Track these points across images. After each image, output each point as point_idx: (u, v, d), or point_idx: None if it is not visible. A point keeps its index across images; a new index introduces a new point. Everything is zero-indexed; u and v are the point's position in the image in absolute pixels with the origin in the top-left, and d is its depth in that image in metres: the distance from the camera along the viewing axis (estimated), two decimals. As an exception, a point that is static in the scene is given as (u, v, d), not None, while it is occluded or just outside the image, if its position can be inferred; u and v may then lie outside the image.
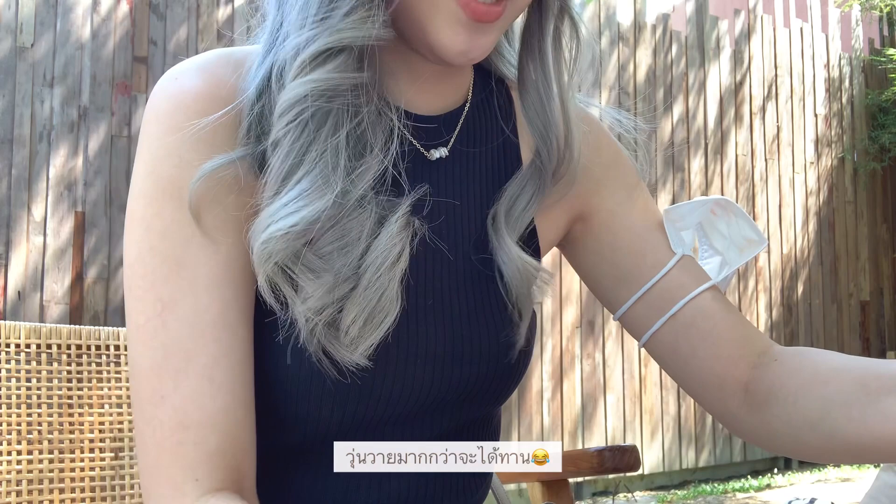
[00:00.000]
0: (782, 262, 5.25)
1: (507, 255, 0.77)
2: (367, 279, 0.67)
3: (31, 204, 3.10)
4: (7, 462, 1.09)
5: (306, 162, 0.66)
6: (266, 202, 0.67)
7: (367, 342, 0.67)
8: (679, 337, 0.84)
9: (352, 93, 0.68)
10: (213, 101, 0.68)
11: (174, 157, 0.67)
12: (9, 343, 1.13)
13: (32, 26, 3.16)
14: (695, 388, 0.85)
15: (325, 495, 0.72)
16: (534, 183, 0.80)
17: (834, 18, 5.71)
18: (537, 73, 0.79)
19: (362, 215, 0.68)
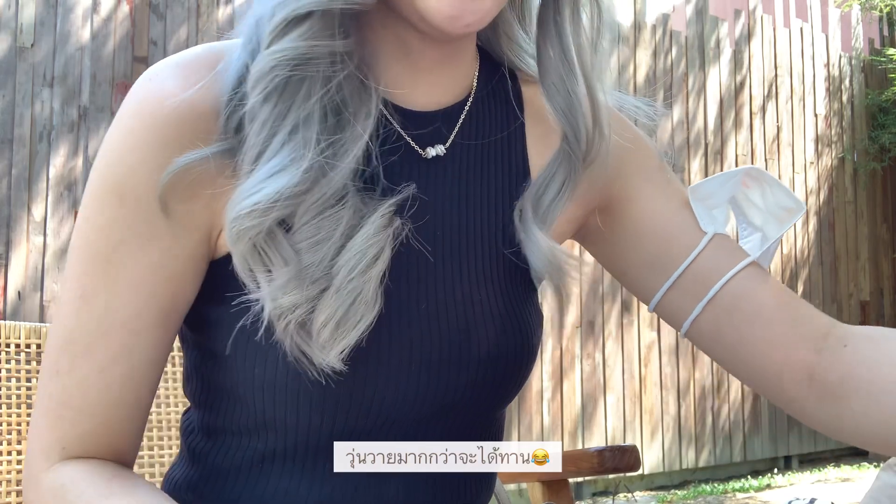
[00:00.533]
0: (782, 262, 5.24)
1: (535, 245, 0.74)
2: (339, 281, 0.65)
3: (31, 204, 3.10)
4: (7, 462, 1.09)
5: (279, 135, 0.65)
6: (240, 180, 0.66)
7: (339, 345, 0.65)
8: (722, 323, 0.77)
9: (327, 60, 0.66)
10: (186, 113, 0.67)
11: (127, 160, 0.67)
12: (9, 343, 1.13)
13: (32, 26, 3.16)
14: (751, 378, 0.78)
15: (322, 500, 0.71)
16: (564, 170, 0.76)
17: (834, 18, 5.71)
18: (556, 50, 0.75)
19: (340, 212, 0.66)
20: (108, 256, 0.67)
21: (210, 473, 0.73)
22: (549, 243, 0.74)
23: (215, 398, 0.73)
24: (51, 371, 0.69)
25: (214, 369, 0.71)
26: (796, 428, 5.21)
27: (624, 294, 4.54)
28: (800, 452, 5.23)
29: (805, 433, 5.26)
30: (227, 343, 0.69)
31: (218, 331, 0.70)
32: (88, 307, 0.68)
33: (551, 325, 4.27)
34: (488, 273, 0.75)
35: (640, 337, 4.58)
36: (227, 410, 0.72)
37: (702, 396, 4.79)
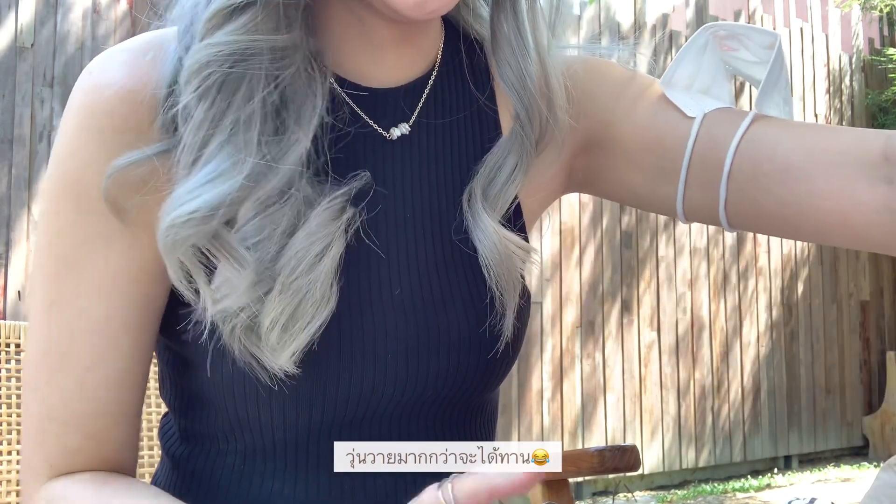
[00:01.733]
0: (782, 262, 5.24)
1: (483, 232, 0.69)
2: (282, 282, 0.61)
3: (31, 204, 3.10)
4: (7, 462, 1.09)
5: (217, 136, 0.61)
6: (177, 183, 0.62)
7: (289, 348, 0.62)
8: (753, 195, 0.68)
9: (269, 56, 0.61)
10: (128, 100, 0.64)
11: (79, 156, 0.64)
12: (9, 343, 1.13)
13: (32, 26, 3.15)
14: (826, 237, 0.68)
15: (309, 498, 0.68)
16: (516, 153, 0.71)
17: (834, 18, 5.71)
18: (510, 27, 0.71)
19: (280, 210, 0.62)
20: (71, 260, 0.65)
21: (192, 479, 0.72)
22: (499, 230, 0.69)
23: (188, 403, 0.71)
24: (30, 387, 0.67)
25: (184, 373, 0.70)
26: (796, 428, 5.21)
27: (624, 294, 4.54)
28: (800, 452, 5.23)
29: (805, 433, 5.26)
30: (191, 346, 0.67)
31: (183, 333, 0.67)
32: (58, 315, 0.65)
33: (551, 324, 4.27)
34: (458, 255, 0.71)
35: (640, 337, 4.58)
36: (201, 415, 0.70)
37: (702, 396, 4.79)
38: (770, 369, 5.11)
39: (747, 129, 0.69)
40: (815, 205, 0.66)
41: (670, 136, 0.72)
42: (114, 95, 0.64)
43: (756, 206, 0.69)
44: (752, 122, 0.69)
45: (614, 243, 4.53)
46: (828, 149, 0.66)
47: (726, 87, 0.75)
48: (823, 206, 0.66)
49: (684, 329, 4.75)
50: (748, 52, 0.74)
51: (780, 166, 0.67)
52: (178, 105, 0.62)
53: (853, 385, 5.55)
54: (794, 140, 0.68)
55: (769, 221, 0.70)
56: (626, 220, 4.59)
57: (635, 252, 4.61)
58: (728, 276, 4.97)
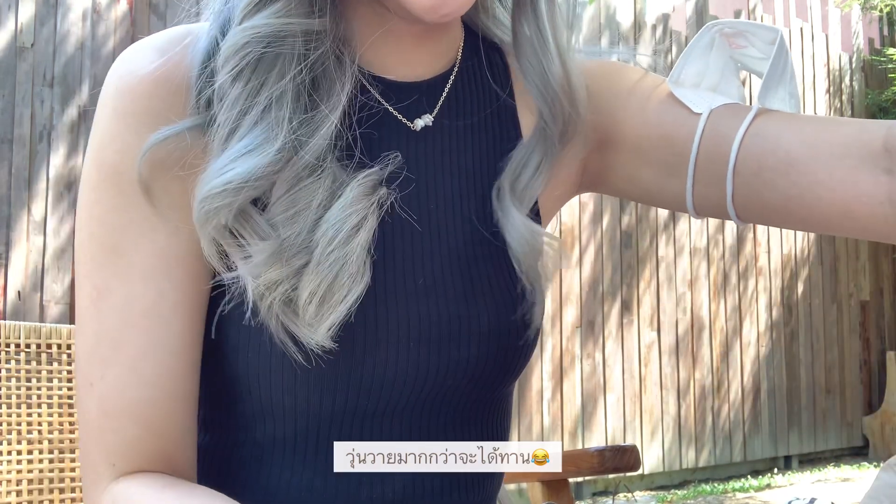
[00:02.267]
0: (782, 262, 5.25)
1: (512, 225, 0.72)
2: (320, 253, 0.63)
3: (31, 204, 3.11)
4: (7, 462, 1.09)
5: (251, 114, 0.63)
6: (212, 160, 0.64)
7: (327, 321, 0.63)
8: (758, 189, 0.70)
9: (302, 39, 0.64)
10: (162, 83, 0.66)
11: (117, 142, 0.65)
12: (9, 343, 1.13)
13: (32, 26, 3.16)
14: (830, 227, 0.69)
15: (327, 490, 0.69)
16: (541, 149, 0.74)
17: (834, 18, 5.71)
18: (531, 28, 0.74)
19: (315, 182, 0.64)
20: (115, 246, 0.65)
21: (210, 468, 0.72)
22: (527, 223, 0.72)
23: (212, 392, 0.72)
24: (84, 385, 0.66)
25: (212, 360, 0.70)
26: (796, 428, 5.21)
27: (624, 294, 4.54)
28: (800, 452, 5.24)
29: (805, 433, 5.26)
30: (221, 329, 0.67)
31: (210, 318, 0.68)
32: (106, 304, 0.65)
33: (551, 324, 4.27)
34: (484, 246, 0.73)
35: (640, 337, 4.58)
36: (224, 403, 0.71)
37: (702, 396, 4.79)
38: (770, 369, 5.11)
39: (750, 123, 0.70)
40: (818, 197, 0.67)
41: (678, 133, 0.74)
42: (149, 79, 0.65)
43: (762, 199, 0.70)
44: (756, 116, 0.70)
45: (614, 243, 4.53)
46: (829, 141, 0.67)
47: (735, 83, 0.76)
48: (826, 197, 0.67)
49: (684, 329, 4.75)
50: (755, 48, 0.75)
51: (782, 160, 0.68)
52: (210, 86, 0.65)
53: (853, 385, 5.55)
54: (796, 133, 0.68)
55: (776, 214, 0.71)
56: (626, 220, 4.59)
57: (635, 252, 4.61)
58: (728, 276, 4.97)
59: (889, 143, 0.65)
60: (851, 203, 0.66)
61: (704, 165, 0.72)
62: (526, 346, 0.74)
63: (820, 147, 0.67)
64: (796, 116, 0.71)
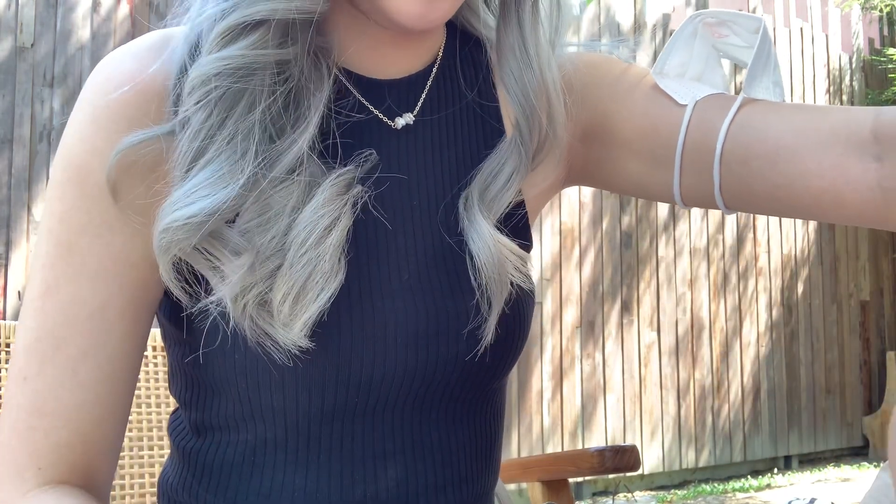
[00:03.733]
0: (782, 262, 5.25)
1: (478, 234, 0.70)
2: (292, 255, 0.63)
3: (31, 204, 3.11)
4: (7, 462, 1.09)
5: (214, 145, 0.63)
6: (174, 187, 0.64)
7: (300, 320, 0.63)
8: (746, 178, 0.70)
9: (271, 70, 0.64)
10: (138, 91, 0.65)
11: (87, 143, 0.65)
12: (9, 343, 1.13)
13: (32, 26, 3.16)
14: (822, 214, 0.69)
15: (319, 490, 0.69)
16: (514, 160, 0.73)
17: (834, 18, 5.71)
18: (515, 40, 0.74)
19: (290, 187, 0.64)
20: (70, 245, 0.65)
21: (203, 473, 0.72)
22: (495, 235, 0.71)
23: (200, 394, 0.71)
24: (18, 378, 0.66)
25: (195, 364, 0.70)
26: (796, 428, 5.21)
27: (624, 294, 4.54)
28: (800, 452, 5.24)
29: (805, 433, 5.26)
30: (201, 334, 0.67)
31: (191, 322, 0.68)
32: (53, 301, 0.65)
33: (551, 325, 4.27)
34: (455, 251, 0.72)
35: (640, 337, 4.58)
36: (213, 405, 0.71)
37: (702, 396, 4.79)
38: (770, 369, 5.11)
39: (736, 113, 0.70)
40: (807, 184, 0.67)
41: (664, 124, 0.74)
42: (127, 88, 0.65)
43: (750, 188, 0.70)
44: (741, 106, 0.70)
45: (614, 243, 4.53)
46: (818, 128, 0.67)
47: (719, 72, 0.76)
48: (816, 185, 0.66)
49: (684, 329, 4.75)
50: (738, 37, 0.75)
51: (770, 148, 0.68)
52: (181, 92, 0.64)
53: (853, 385, 5.55)
54: (783, 122, 0.68)
55: (764, 202, 0.70)
56: (626, 220, 4.59)
57: (635, 252, 4.61)
58: (728, 277, 4.97)
59: (878, 129, 0.64)
60: (842, 190, 0.65)
61: (691, 156, 0.72)
62: (518, 341, 0.73)
63: (808, 135, 0.67)
64: (782, 105, 0.70)
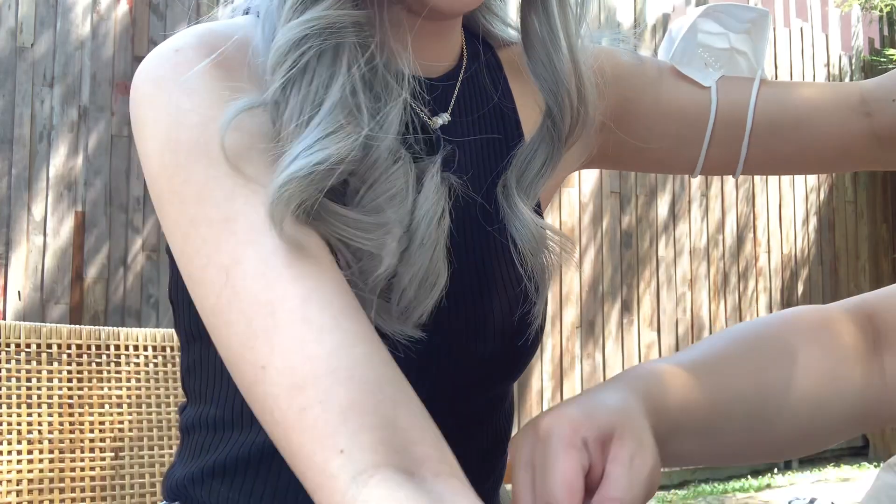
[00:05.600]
0: (782, 262, 5.25)
1: (519, 221, 0.72)
2: (421, 234, 0.62)
3: (31, 204, 3.11)
4: (7, 462, 1.09)
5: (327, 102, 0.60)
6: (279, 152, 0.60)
7: (420, 308, 0.62)
8: (773, 146, 0.83)
9: (355, 30, 0.64)
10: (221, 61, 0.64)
11: (190, 116, 0.61)
12: (9, 343, 1.13)
13: (32, 26, 3.16)
14: (824, 168, 0.87)
15: None
16: (546, 146, 0.75)
17: (834, 18, 5.71)
18: (542, 27, 0.75)
19: (403, 167, 0.64)
20: (225, 215, 0.58)
21: (216, 469, 0.72)
22: (535, 218, 0.72)
23: (222, 389, 0.71)
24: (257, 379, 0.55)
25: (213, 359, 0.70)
26: (796, 428, 5.21)
27: (624, 294, 4.54)
28: (800, 452, 5.23)
29: (805, 433, 5.26)
30: None
31: None
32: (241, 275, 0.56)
33: (551, 324, 4.27)
34: (492, 243, 0.73)
35: (640, 337, 4.58)
36: (233, 400, 0.70)
37: (702, 396, 4.78)
38: (770, 369, 5.11)
39: (758, 92, 0.82)
40: (822, 142, 0.83)
41: (692, 106, 0.83)
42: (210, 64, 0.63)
43: (773, 153, 0.84)
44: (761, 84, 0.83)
45: (614, 243, 4.53)
46: (824, 98, 0.83)
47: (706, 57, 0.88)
48: (829, 142, 0.83)
49: (684, 329, 4.75)
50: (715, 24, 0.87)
51: (793, 117, 0.82)
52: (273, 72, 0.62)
53: (853, 385, 5.54)
54: (797, 96, 0.83)
55: (782, 164, 0.86)
56: (626, 220, 4.59)
57: (635, 252, 4.61)
58: (728, 277, 4.97)
59: (864, 94, 0.83)
60: (848, 142, 0.83)
61: (719, 133, 0.83)
62: (531, 342, 0.74)
63: (819, 104, 0.83)
64: (791, 83, 0.86)
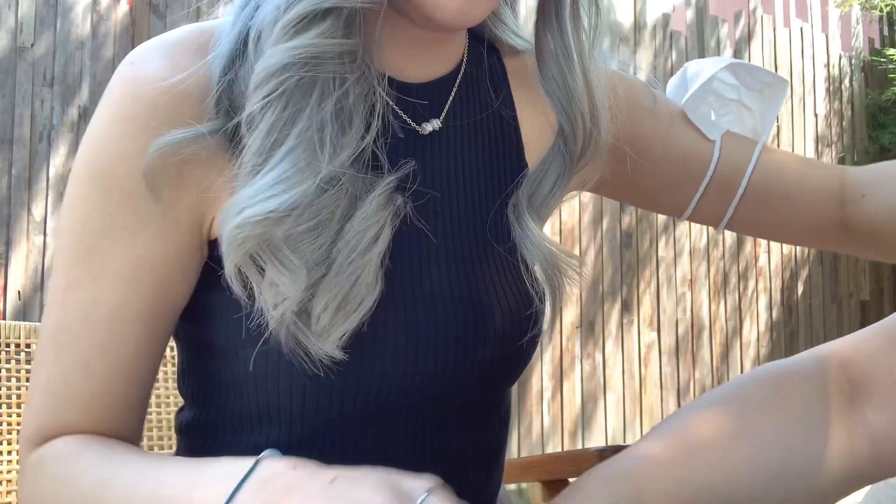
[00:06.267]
0: (782, 262, 5.25)
1: (531, 242, 0.72)
2: (339, 264, 0.63)
3: (31, 204, 3.10)
4: (7, 462, 1.09)
5: (290, 139, 0.62)
6: (242, 183, 0.63)
7: (338, 331, 0.63)
8: (758, 211, 0.86)
9: (338, 61, 0.63)
10: (168, 90, 0.64)
11: (112, 145, 0.65)
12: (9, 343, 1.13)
13: (32, 26, 3.15)
14: (796, 241, 0.90)
15: None
16: (558, 165, 0.75)
17: (834, 18, 5.71)
18: (557, 44, 0.74)
19: (336, 195, 0.63)
20: (91, 247, 0.66)
21: None
22: (546, 240, 0.72)
23: (213, 393, 0.71)
24: (38, 361, 0.68)
25: (212, 362, 0.70)
26: (796, 428, 5.21)
27: (624, 294, 4.54)
28: (800, 452, 5.23)
29: (805, 433, 5.26)
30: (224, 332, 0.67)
31: (215, 320, 0.68)
32: (73, 298, 0.66)
33: (551, 325, 4.27)
34: (489, 248, 0.73)
35: (640, 337, 4.58)
36: (225, 405, 0.70)
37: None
38: (770, 369, 5.10)
39: (759, 157, 0.84)
40: (801, 220, 0.86)
41: (694, 155, 0.84)
42: (156, 88, 0.64)
43: (758, 219, 0.86)
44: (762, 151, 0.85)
45: (614, 243, 4.53)
46: (811, 178, 0.86)
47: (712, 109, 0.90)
48: (807, 221, 0.86)
49: (684, 329, 4.75)
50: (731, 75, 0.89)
51: (782, 191, 0.85)
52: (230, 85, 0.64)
53: (853, 385, 5.54)
54: (791, 171, 0.85)
55: (764, 230, 0.88)
56: (627, 220, 4.59)
57: (635, 252, 4.61)
58: (728, 277, 4.97)
59: (844, 180, 0.85)
60: (821, 224, 0.86)
61: (714, 186, 0.84)
62: (528, 350, 0.74)
63: (806, 182, 0.86)
64: (787, 155, 0.87)
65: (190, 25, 0.70)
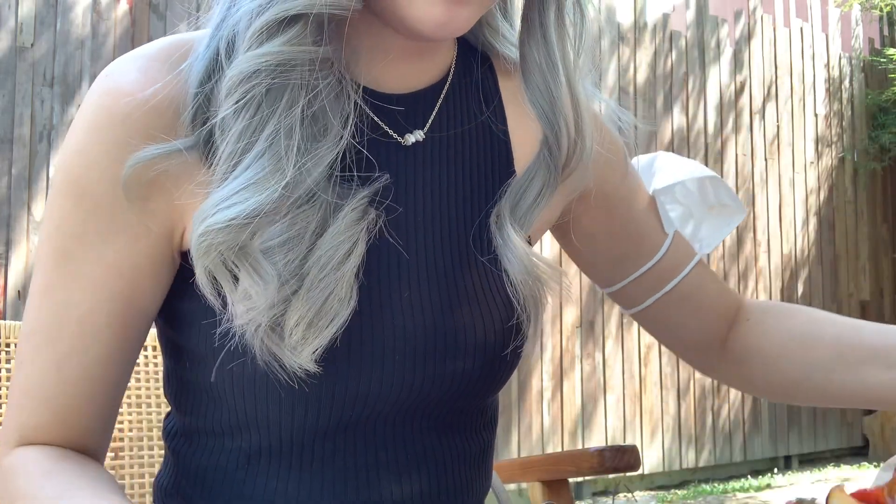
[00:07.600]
0: (782, 262, 5.25)
1: (512, 253, 0.71)
2: (311, 280, 0.63)
3: (31, 203, 3.11)
4: (7, 462, 1.09)
5: (258, 144, 0.62)
6: (213, 190, 0.63)
7: (311, 345, 0.63)
8: (671, 309, 0.88)
9: (308, 67, 0.63)
10: (143, 103, 0.65)
11: (83, 156, 0.65)
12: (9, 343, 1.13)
13: (32, 26, 3.16)
14: (679, 349, 0.92)
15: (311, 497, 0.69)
16: (542, 176, 0.74)
17: (834, 18, 5.71)
18: (541, 54, 0.73)
19: (310, 210, 0.63)
20: (66, 252, 0.67)
21: (195, 476, 0.72)
22: (528, 250, 0.71)
23: (194, 399, 0.71)
24: (17, 361, 0.70)
25: (192, 369, 0.70)
26: (796, 428, 5.21)
27: (624, 294, 4.54)
28: (800, 452, 5.24)
29: (805, 433, 5.26)
30: (201, 339, 0.67)
31: (192, 328, 0.68)
32: (48, 301, 0.68)
33: (551, 325, 4.27)
34: (472, 259, 0.72)
35: (640, 337, 4.58)
36: (206, 411, 0.70)
37: (702, 396, 4.79)
38: (770, 369, 5.11)
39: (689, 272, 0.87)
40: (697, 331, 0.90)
41: (648, 240, 0.86)
42: (130, 101, 0.65)
43: (665, 316, 0.89)
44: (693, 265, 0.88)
45: (614, 243, 4.53)
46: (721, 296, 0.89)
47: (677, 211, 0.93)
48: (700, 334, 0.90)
49: (684, 329, 4.75)
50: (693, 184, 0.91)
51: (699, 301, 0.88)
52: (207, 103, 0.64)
53: (853, 385, 5.54)
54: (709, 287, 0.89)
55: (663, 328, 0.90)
56: (626, 220, 4.59)
57: (635, 252, 4.61)
58: (728, 277, 4.97)
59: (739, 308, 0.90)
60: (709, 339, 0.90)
61: (649, 276, 0.86)
62: (511, 358, 0.73)
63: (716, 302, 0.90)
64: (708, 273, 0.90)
65: (169, 37, 0.71)
